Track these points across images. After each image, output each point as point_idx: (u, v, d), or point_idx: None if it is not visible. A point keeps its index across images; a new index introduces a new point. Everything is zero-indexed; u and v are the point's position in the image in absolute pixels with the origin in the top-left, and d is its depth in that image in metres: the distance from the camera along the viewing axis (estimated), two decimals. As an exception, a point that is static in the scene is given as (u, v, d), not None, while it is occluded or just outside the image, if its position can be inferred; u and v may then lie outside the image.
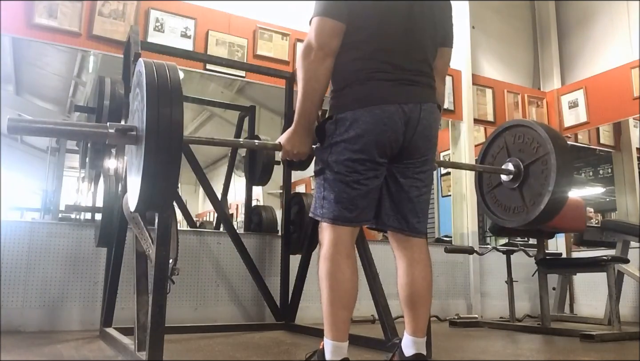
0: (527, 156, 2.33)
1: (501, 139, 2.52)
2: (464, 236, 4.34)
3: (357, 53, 1.59)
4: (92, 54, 3.75)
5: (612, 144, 5.06)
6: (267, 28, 3.76)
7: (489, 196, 2.57)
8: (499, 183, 2.48)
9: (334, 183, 1.57)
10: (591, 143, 5.15)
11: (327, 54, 1.56)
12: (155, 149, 1.42)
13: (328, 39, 1.55)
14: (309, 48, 1.56)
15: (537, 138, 2.32)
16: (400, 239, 1.68)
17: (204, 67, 3.56)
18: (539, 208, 2.23)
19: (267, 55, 3.72)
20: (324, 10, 1.57)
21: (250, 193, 3.97)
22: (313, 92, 1.57)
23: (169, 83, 1.48)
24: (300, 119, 1.60)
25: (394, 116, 1.55)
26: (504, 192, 2.47)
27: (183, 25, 3.48)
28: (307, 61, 1.55)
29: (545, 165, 2.24)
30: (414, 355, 1.60)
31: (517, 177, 2.34)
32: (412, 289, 1.63)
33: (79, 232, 2.93)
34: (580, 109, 4.76)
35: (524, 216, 2.32)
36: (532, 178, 2.30)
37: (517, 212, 2.37)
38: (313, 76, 1.56)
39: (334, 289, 1.52)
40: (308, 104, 1.58)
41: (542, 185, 2.23)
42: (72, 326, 2.80)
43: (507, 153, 2.45)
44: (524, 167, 2.33)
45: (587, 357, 2.34)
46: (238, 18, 3.70)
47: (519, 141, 2.42)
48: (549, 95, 5.06)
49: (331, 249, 1.55)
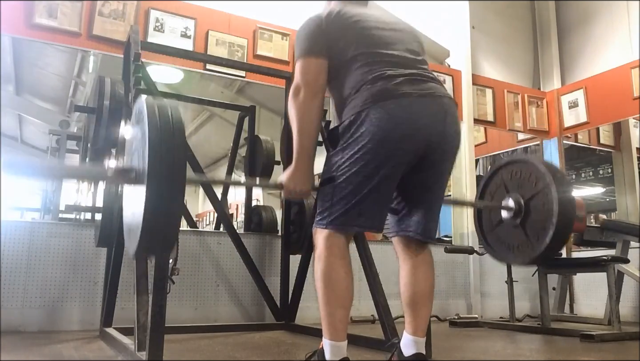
0: (527, 191, 2.27)
1: (498, 176, 2.47)
2: (464, 236, 4.34)
3: (358, 64, 1.59)
4: (92, 54, 3.75)
5: (612, 144, 5.06)
6: (267, 28, 3.76)
7: (491, 235, 2.51)
8: (500, 221, 2.41)
9: (344, 188, 1.53)
10: (591, 143, 5.15)
11: (315, 92, 1.58)
12: (157, 195, 1.33)
13: (314, 77, 1.59)
14: (297, 88, 1.58)
15: (535, 172, 2.27)
16: (409, 242, 1.68)
17: (204, 67, 3.56)
18: (544, 242, 2.15)
19: (267, 55, 3.72)
20: (305, 50, 1.61)
21: (250, 193, 3.97)
22: (308, 127, 1.57)
23: (172, 123, 1.41)
24: (300, 155, 1.57)
25: (413, 107, 1.52)
26: (506, 230, 2.39)
27: (183, 25, 3.48)
28: (298, 101, 1.57)
29: (546, 198, 2.18)
30: (413, 355, 1.60)
31: (518, 213, 2.26)
32: (415, 289, 1.63)
33: (79, 232, 2.93)
34: (580, 109, 4.76)
35: (529, 253, 2.24)
36: (534, 213, 2.22)
37: (521, 249, 2.30)
38: (305, 113, 1.56)
39: (329, 290, 1.52)
40: (305, 140, 1.57)
41: (545, 219, 2.15)
42: (72, 326, 2.80)
43: (506, 190, 2.40)
44: (524, 203, 2.27)
45: (587, 357, 2.34)
46: (238, 18, 3.70)
47: (516, 177, 2.37)
48: (549, 95, 5.06)
49: (325, 251, 1.55)
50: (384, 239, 4.39)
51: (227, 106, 4.56)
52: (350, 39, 1.62)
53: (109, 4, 3.24)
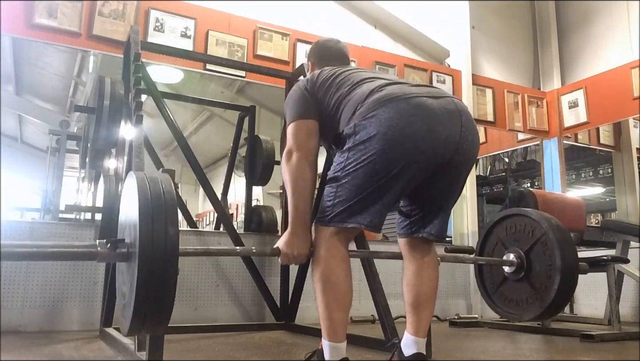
0: (525, 242, 2.25)
1: (493, 235, 2.45)
2: (464, 236, 4.34)
3: (357, 88, 1.60)
4: (92, 54, 3.75)
5: (612, 144, 5.06)
6: (267, 28, 3.76)
7: (497, 295, 2.47)
8: (503, 278, 2.39)
9: (348, 189, 1.51)
10: (591, 143, 5.15)
11: (307, 154, 1.59)
12: (149, 273, 1.29)
13: (305, 139, 1.60)
14: (289, 152, 1.60)
15: (529, 222, 2.25)
16: (416, 242, 1.67)
17: (204, 67, 3.56)
18: (552, 288, 2.11)
19: (267, 56, 3.72)
20: (294, 115, 1.65)
21: (250, 193, 3.96)
22: (303, 189, 1.57)
23: (163, 197, 1.37)
24: (296, 220, 1.56)
25: (427, 106, 1.47)
26: (511, 287, 2.36)
27: (183, 25, 3.48)
28: (290, 164, 1.58)
29: (545, 245, 2.16)
30: (414, 355, 1.60)
31: (520, 267, 2.23)
32: (420, 290, 1.63)
33: (79, 232, 2.93)
34: (580, 109, 4.76)
35: (539, 303, 2.19)
36: (536, 263, 2.19)
37: (530, 302, 2.26)
38: (299, 175, 1.57)
39: (328, 293, 1.51)
40: (301, 203, 1.56)
41: (549, 266, 2.13)
42: (72, 326, 2.80)
43: (504, 246, 2.38)
44: (525, 254, 2.25)
45: (587, 357, 2.34)
46: (238, 18, 3.70)
47: (511, 231, 2.35)
48: (549, 95, 5.06)
49: (325, 252, 1.53)
50: (384, 239, 4.39)
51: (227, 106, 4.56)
52: (338, 84, 1.65)
53: (109, 4, 3.24)
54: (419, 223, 1.65)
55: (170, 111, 2.94)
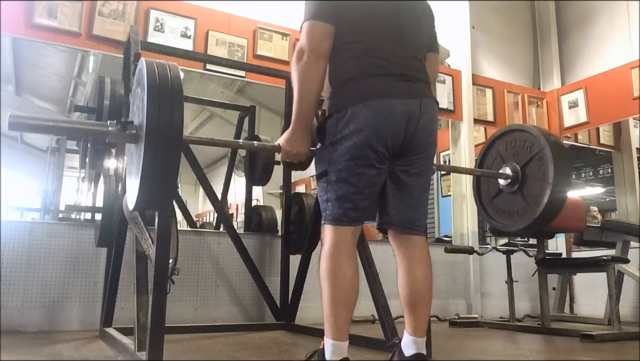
0: (522, 157, 2.32)
1: (494, 149, 2.51)
2: (464, 236, 4.34)
3: (351, 53, 1.62)
4: (92, 54, 3.75)
5: (612, 144, 5.06)
6: (267, 28, 3.76)
7: (491, 206, 2.54)
8: (498, 190, 2.45)
9: (337, 182, 1.59)
10: (591, 143, 5.15)
11: (319, 56, 1.59)
12: (155, 148, 1.41)
13: (319, 41, 1.60)
14: (301, 52, 1.60)
15: (529, 138, 2.32)
16: (401, 238, 1.69)
17: (204, 67, 3.56)
18: (542, 202, 2.20)
19: (267, 56, 3.72)
20: (312, 14, 1.61)
21: (250, 193, 3.97)
22: (309, 92, 1.59)
23: (170, 82, 1.48)
24: (298, 119, 1.61)
25: (394, 109, 1.57)
26: (505, 198, 2.45)
27: (183, 25, 3.48)
28: (300, 64, 1.59)
29: (541, 161, 2.23)
30: (413, 355, 1.60)
31: (515, 180, 2.33)
32: (413, 288, 1.63)
33: (79, 232, 2.93)
34: (580, 109, 4.76)
35: (529, 216, 2.29)
36: (530, 178, 2.29)
37: (521, 214, 2.34)
38: (308, 77, 1.59)
39: (334, 289, 1.52)
40: (304, 105, 1.60)
41: (542, 181, 2.22)
42: (72, 326, 2.80)
43: (502, 160, 2.43)
44: (520, 169, 2.32)
45: (587, 357, 2.34)
46: (238, 18, 3.70)
47: (511, 146, 2.41)
48: (549, 95, 5.06)
49: (332, 248, 1.55)
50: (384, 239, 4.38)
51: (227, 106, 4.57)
52: (354, 18, 1.62)
53: (109, 4, 3.24)
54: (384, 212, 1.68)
55: (170, 111, 2.93)
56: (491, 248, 3.80)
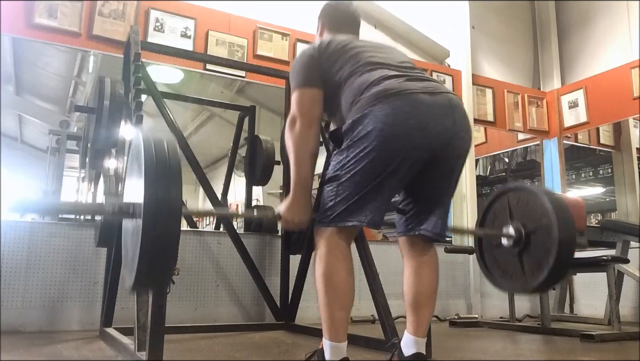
0: (530, 222, 2.25)
1: (504, 199, 2.44)
2: (463, 236, 4.34)
3: (358, 74, 1.60)
4: (92, 54, 3.75)
5: (612, 144, 5.06)
6: (267, 28, 3.76)
7: (488, 254, 2.49)
8: (499, 243, 2.40)
9: (348, 187, 1.51)
10: (591, 143, 5.15)
11: (311, 122, 1.60)
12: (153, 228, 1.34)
13: (308, 107, 1.61)
14: (293, 119, 1.60)
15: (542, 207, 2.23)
16: (415, 241, 1.67)
17: (204, 67, 3.56)
18: (537, 279, 2.12)
19: (267, 56, 3.72)
20: (299, 82, 1.66)
21: (250, 193, 3.96)
22: (305, 157, 1.58)
23: (168, 162, 1.41)
24: (297, 186, 1.58)
25: (419, 104, 1.49)
26: (503, 253, 2.37)
27: (183, 25, 3.48)
28: (294, 131, 1.59)
29: (547, 237, 2.15)
30: (413, 355, 1.60)
31: (517, 242, 2.25)
32: (419, 289, 1.63)
33: (79, 232, 2.93)
34: (580, 109, 4.76)
35: (521, 284, 2.21)
36: (533, 246, 2.18)
37: (515, 278, 2.27)
38: (302, 142, 1.58)
39: (330, 291, 1.51)
40: (303, 171, 1.58)
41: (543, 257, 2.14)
42: (72, 326, 2.80)
43: (510, 215, 2.37)
44: (525, 234, 2.25)
45: (587, 357, 2.34)
46: (238, 18, 3.70)
47: (523, 204, 2.34)
48: (549, 95, 5.06)
49: (327, 251, 1.53)
50: (384, 239, 4.39)
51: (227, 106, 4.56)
52: (345, 61, 1.65)
53: (109, 4, 3.24)
54: (414, 219, 1.66)
55: (170, 111, 2.94)
56: (491, 248, 3.79)
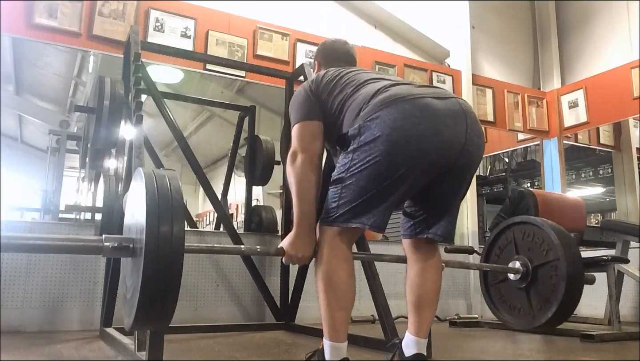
0: (536, 256, 2.20)
1: (510, 233, 2.40)
2: (464, 236, 4.34)
3: (362, 88, 1.60)
4: (92, 54, 3.75)
5: (612, 144, 5.06)
6: (267, 28, 3.76)
7: (494, 289, 2.44)
8: (505, 278, 2.36)
9: (352, 190, 1.49)
10: (591, 143, 5.16)
11: (312, 156, 1.60)
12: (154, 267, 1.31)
13: (309, 142, 1.61)
14: (294, 154, 1.60)
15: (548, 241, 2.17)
16: (421, 244, 1.67)
17: (204, 67, 3.56)
18: (546, 315, 2.10)
19: (267, 56, 3.72)
20: (299, 116, 1.65)
21: (250, 193, 3.96)
22: (307, 191, 1.57)
23: (170, 198, 1.38)
24: (301, 221, 1.56)
25: (429, 108, 1.46)
26: (509, 288, 2.33)
27: (183, 25, 3.48)
28: (295, 166, 1.59)
29: (554, 271, 2.10)
30: (414, 355, 1.60)
31: (524, 277, 2.20)
32: (423, 291, 1.64)
33: (79, 232, 2.93)
34: (580, 109, 4.76)
35: (529, 320, 2.18)
36: (540, 282, 2.15)
37: (522, 314, 2.24)
38: (304, 177, 1.57)
39: (330, 292, 1.51)
40: (305, 205, 1.56)
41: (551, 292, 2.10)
42: (72, 326, 2.80)
43: (516, 250, 2.32)
44: (532, 268, 2.20)
45: (587, 357, 2.34)
46: (238, 18, 3.70)
47: (528, 239, 2.28)
48: (549, 95, 5.06)
49: (328, 252, 1.53)
50: (384, 239, 4.39)
51: (227, 106, 4.56)
52: (344, 83, 1.66)
53: (109, 4, 3.24)
54: (423, 224, 1.65)
55: (170, 111, 2.94)
56: (491, 248, 3.79)
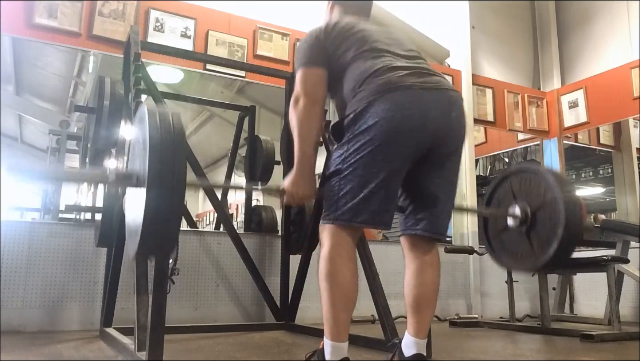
0: (534, 200, 2.25)
1: (507, 183, 2.45)
2: (464, 236, 4.34)
3: (361, 60, 1.61)
4: (92, 54, 3.75)
5: (612, 144, 5.06)
6: (267, 28, 3.76)
7: (496, 241, 2.48)
8: (505, 227, 2.40)
9: (352, 180, 1.51)
10: (591, 143, 5.16)
11: (314, 101, 1.61)
12: (157, 197, 1.36)
13: (313, 87, 1.62)
14: (297, 97, 1.62)
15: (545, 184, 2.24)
16: (418, 242, 1.67)
17: (204, 67, 3.56)
18: (548, 253, 2.14)
19: (267, 56, 3.72)
20: (304, 61, 1.65)
21: (250, 193, 3.97)
22: (309, 134, 1.60)
23: (173, 134, 1.43)
24: (301, 161, 1.59)
25: (420, 100, 1.51)
26: (510, 236, 2.36)
27: (183, 25, 3.48)
28: (297, 109, 1.60)
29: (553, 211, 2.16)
30: (414, 355, 1.60)
31: (524, 221, 2.25)
32: (421, 291, 1.63)
33: (79, 232, 2.93)
34: (580, 109, 4.76)
35: (532, 262, 2.21)
36: (539, 224, 2.19)
37: (525, 257, 2.28)
38: (306, 120, 1.59)
39: (334, 291, 1.51)
40: (306, 146, 1.59)
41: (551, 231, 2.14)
42: (72, 326, 2.80)
43: (514, 197, 2.38)
44: (531, 212, 2.25)
45: (587, 357, 2.34)
46: (238, 18, 3.70)
47: (525, 185, 2.34)
48: (549, 95, 5.06)
49: (332, 250, 1.53)
50: (384, 239, 4.39)
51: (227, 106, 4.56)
52: (350, 44, 1.65)
53: (109, 4, 3.24)
54: (412, 217, 1.65)
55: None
56: (491, 248, 3.79)
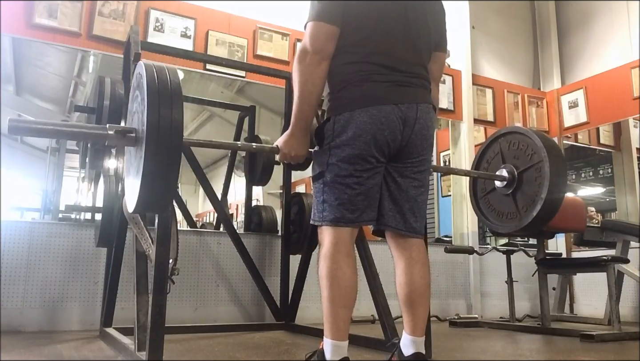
0: (522, 162, 2.33)
1: (496, 145, 2.53)
2: (464, 236, 4.34)
3: (353, 56, 1.61)
4: (92, 54, 3.75)
5: (612, 144, 5.06)
6: (267, 28, 3.76)
7: (483, 201, 2.58)
8: (492, 188, 2.48)
9: (334, 184, 1.59)
10: (591, 143, 5.15)
11: (322, 58, 1.59)
12: (155, 151, 1.42)
13: (323, 43, 1.58)
14: (304, 52, 1.58)
15: (532, 146, 2.32)
16: (398, 239, 1.69)
17: (204, 67, 3.56)
18: (531, 214, 2.23)
19: (267, 55, 3.72)
20: (318, 14, 1.59)
21: (250, 193, 3.96)
22: (309, 94, 1.59)
23: (169, 85, 1.48)
24: (297, 121, 1.62)
25: (391, 115, 1.58)
26: (497, 198, 2.47)
27: (183, 25, 3.48)
28: (303, 65, 1.58)
29: (539, 172, 2.24)
30: (413, 354, 1.60)
31: (510, 183, 2.34)
32: (411, 288, 1.63)
33: (79, 232, 2.93)
34: (580, 109, 4.76)
35: (516, 222, 2.32)
36: (525, 185, 2.30)
37: (510, 218, 2.38)
38: (309, 79, 1.58)
39: (334, 289, 1.52)
40: (305, 107, 1.60)
41: (536, 192, 2.23)
42: (72, 326, 2.80)
43: (502, 159, 2.44)
44: (517, 174, 2.32)
45: (587, 357, 2.34)
46: (238, 18, 3.70)
47: (514, 147, 2.42)
48: (549, 95, 5.06)
49: (332, 248, 1.55)
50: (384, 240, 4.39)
51: (227, 106, 4.56)
52: (360, 19, 1.60)
53: (109, 4, 3.24)
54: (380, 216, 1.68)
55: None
56: (491, 248, 3.79)
